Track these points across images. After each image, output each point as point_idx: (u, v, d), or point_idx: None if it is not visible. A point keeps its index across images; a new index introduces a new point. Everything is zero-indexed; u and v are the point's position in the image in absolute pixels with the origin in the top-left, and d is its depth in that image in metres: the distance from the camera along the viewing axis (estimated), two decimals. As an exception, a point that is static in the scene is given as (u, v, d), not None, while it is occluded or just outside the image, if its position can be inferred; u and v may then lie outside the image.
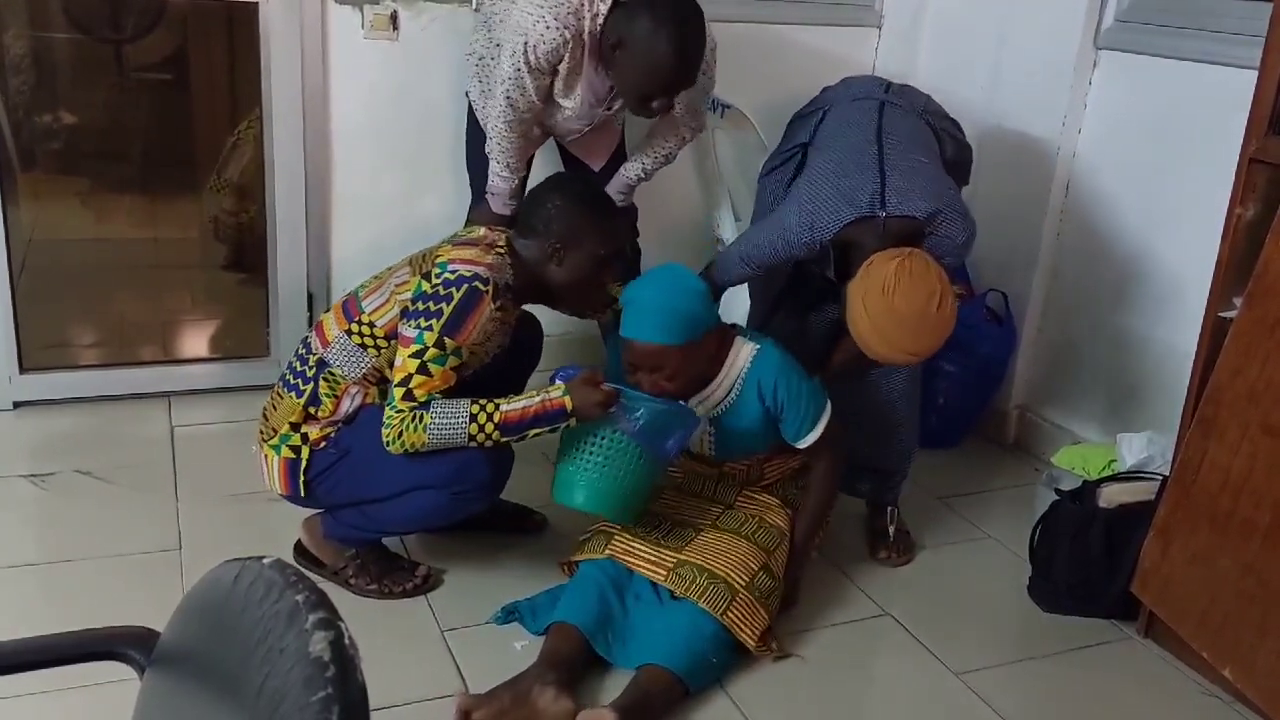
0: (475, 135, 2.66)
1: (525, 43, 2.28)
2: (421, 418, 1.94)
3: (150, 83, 3.98)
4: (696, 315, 2.02)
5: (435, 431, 1.95)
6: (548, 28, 2.25)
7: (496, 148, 2.50)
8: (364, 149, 2.98)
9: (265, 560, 0.75)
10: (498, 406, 1.96)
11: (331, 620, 0.66)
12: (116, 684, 1.05)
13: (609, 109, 2.49)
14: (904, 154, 2.21)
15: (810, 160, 2.37)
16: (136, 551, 2.28)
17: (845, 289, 2.11)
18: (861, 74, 2.99)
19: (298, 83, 2.85)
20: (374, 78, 2.92)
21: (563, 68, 2.34)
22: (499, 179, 2.54)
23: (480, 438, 1.96)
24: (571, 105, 2.43)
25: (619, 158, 2.72)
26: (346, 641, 0.66)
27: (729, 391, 2.14)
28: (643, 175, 2.64)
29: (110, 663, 0.93)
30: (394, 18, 2.87)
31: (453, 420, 1.95)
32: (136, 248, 3.89)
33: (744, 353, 2.14)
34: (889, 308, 2.01)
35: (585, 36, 2.30)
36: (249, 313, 3.23)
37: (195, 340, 3.47)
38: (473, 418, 1.95)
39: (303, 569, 2.24)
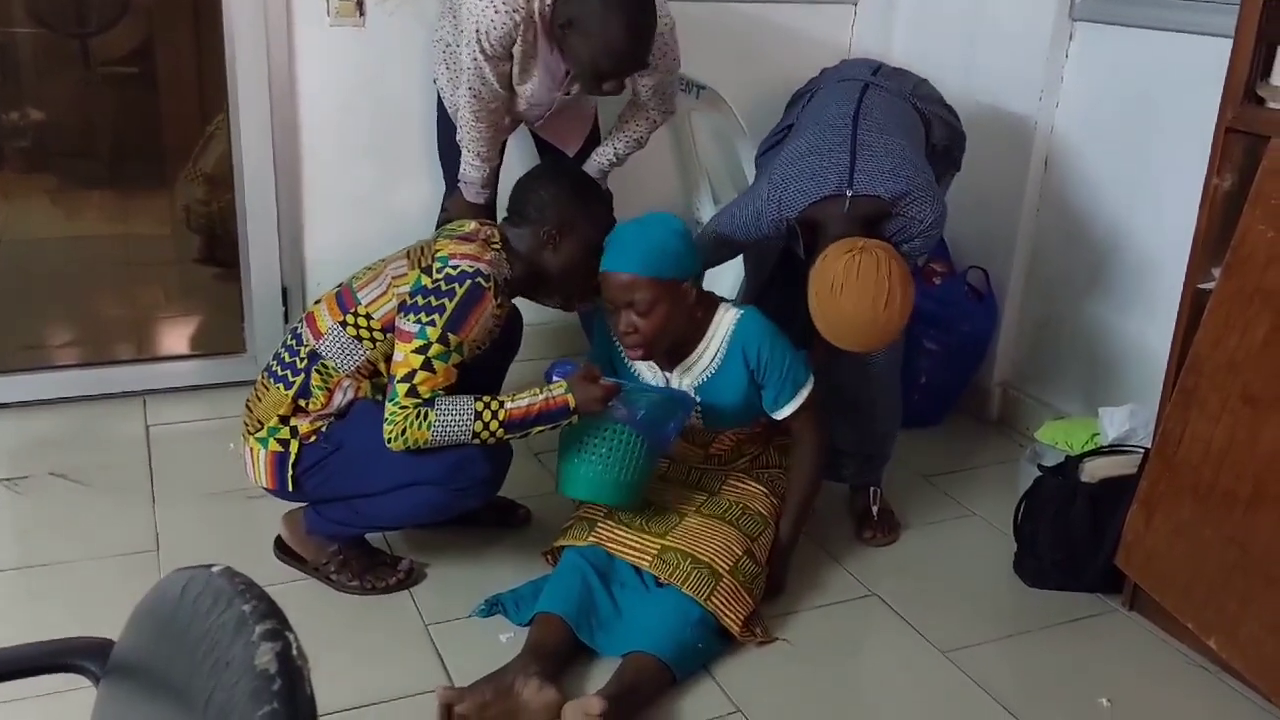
0: (445, 124, 2.63)
1: (478, 30, 2.27)
2: (426, 415, 1.93)
3: (117, 77, 3.93)
4: (670, 250, 2.03)
5: (440, 429, 1.93)
6: (496, 12, 2.24)
7: (467, 137, 2.47)
8: (334, 139, 2.93)
9: (214, 569, 0.73)
10: (502, 404, 1.95)
11: (279, 631, 0.64)
12: (75, 692, 1.03)
13: (567, 93, 2.46)
14: (878, 135, 2.19)
15: (788, 140, 2.35)
16: (113, 554, 2.25)
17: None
18: (852, 55, 2.97)
19: (264, 72, 2.80)
20: (342, 66, 2.87)
21: (517, 51, 2.32)
22: (471, 168, 2.52)
23: (484, 435, 1.95)
24: (530, 89, 2.41)
25: (594, 143, 2.69)
26: (294, 652, 0.63)
27: (714, 356, 2.15)
28: (615, 160, 2.62)
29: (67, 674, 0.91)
30: (360, 3, 2.82)
31: (458, 418, 1.94)
32: (108, 245, 3.85)
33: (728, 317, 2.16)
34: (836, 306, 2.01)
35: (536, 18, 2.28)
36: (224, 309, 3.20)
37: (170, 338, 3.43)
38: (477, 415, 1.94)
39: (286, 565, 2.23)
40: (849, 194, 2.10)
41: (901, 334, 2.51)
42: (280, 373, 2.09)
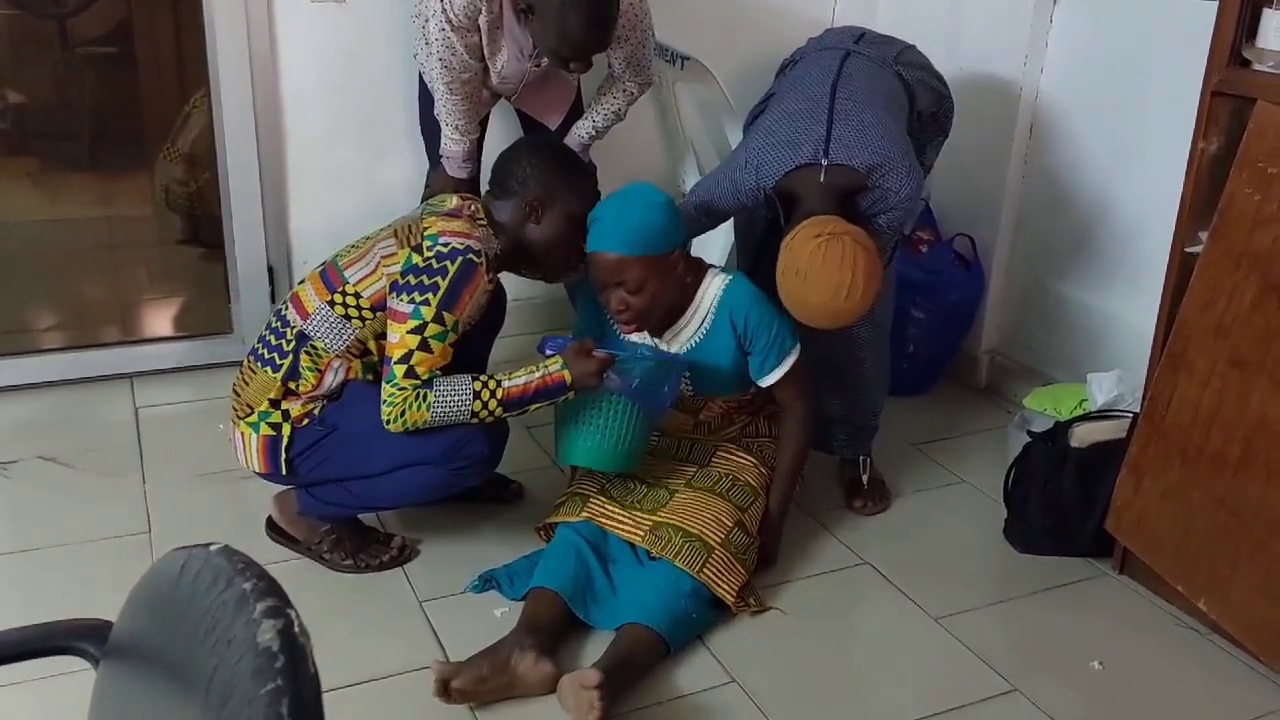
0: (427, 99, 2.61)
1: (442, 2, 2.26)
2: (424, 396, 1.92)
3: (96, 56, 3.88)
4: (656, 226, 2.03)
5: (439, 410, 1.93)
6: None
7: (443, 110, 2.47)
8: (317, 117, 2.91)
9: (212, 547, 0.72)
10: (499, 383, 1.96)
11: (281, 608, 0.64)
12: (73, 675, 1.03)
13: (537, 65, 2.45)
14: (856, 104, 2.17)
15: (767, 109, 2.34)
16: (106, 537, 2.25)
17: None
18: (836, 23, 2.94)
19: (245, 50, 2.77)
20: (323, 43, 2.84)
21: (483, 23, 2.31)
22: (451, 142, 2.51)
23: (483, 414, 1.95)
24: (500, 62, 2.41)
25: (576, 115, 2.67)
26: (296, 629, 0.63)
27: (702, 322, 2.15)
28: (594, 133, 2.61)
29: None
30: (341, -21, 2.79)
31: (457, 398, 1.93)
32: (91, 227, 3.82)
33: (715, 283, 2.16)
34: (799, 291, 2.01)
35: None
36: (209, 289, 3.18)
37: (156, 319, 3.41)
38: (476, 395, 1.94)
39: (278, 545, 2.22)
40: (824, 163, 2.09)
41: (890, 305, 2.53)
42: (267, 356, 2.07)
